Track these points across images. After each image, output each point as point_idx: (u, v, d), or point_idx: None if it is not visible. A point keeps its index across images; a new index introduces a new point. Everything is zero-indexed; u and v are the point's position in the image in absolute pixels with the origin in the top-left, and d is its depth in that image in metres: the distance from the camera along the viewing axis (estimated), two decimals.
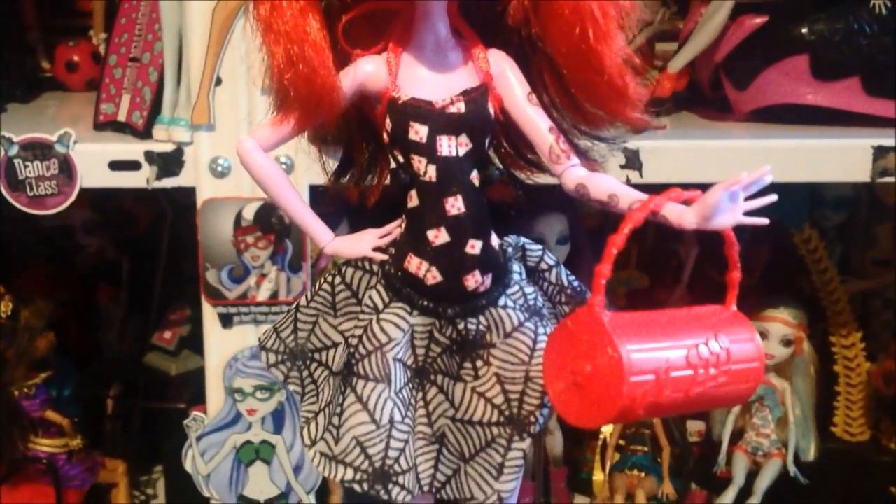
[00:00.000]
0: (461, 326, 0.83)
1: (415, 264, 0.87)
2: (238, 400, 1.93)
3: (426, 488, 0.80)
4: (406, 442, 0.81)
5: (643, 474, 2.42)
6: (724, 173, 1.04)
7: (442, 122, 0.88)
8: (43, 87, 2.40)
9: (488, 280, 0.89)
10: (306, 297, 0.97)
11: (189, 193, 1.96)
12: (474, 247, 0.88)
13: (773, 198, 0.89)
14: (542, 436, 2.45)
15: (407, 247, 0.88)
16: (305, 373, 0.91)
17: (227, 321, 1.91)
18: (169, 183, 1.86)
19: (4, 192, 1.81)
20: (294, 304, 0.98)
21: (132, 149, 1.84)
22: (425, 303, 0.85)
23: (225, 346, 1.92)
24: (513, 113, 0.91)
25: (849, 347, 2.49)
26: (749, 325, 0.90)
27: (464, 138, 0.89)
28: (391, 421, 0.80)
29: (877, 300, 2.63)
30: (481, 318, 0.85)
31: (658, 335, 0.76)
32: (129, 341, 2.63)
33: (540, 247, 1.00)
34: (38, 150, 1.80)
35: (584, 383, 0.71)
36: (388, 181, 0.99)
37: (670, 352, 0.74)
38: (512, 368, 0.82)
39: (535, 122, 0.91)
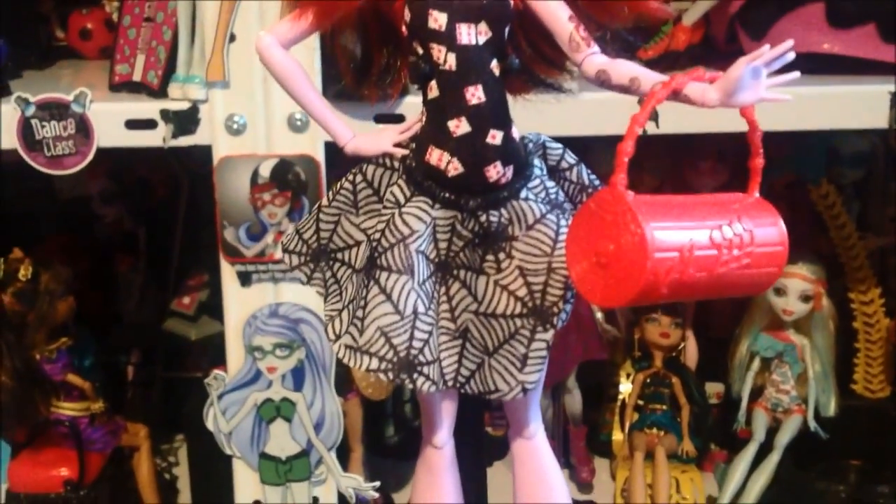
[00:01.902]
0: (483, 219, 0.83)
1: (436, 156, 0.86)
2: (258, 358, 1.94)
3: (450, 384, 0.79)
4: (430, 333, 0.81)
5: (662, 432, 2.42)
6: (738, 123, 1.04)
7: (461, 9, 0.87)
8: (57, 56, 2.41)
9: (510, 172, 0.88)
10: (328, 196, 0.96)
11: (204, 161, 1.97)
12: (495, 137, 0.87)
13: (795, 74, 0.87)
14: (560, 395, 2.45)
15: (428, 139, 0.88)
16: (328, 273, 0.90)
17: (245, 279, 1.92)
18: (185, 141, 1.86)
19: (22, 153, 1.81)
20: (316, 205, 0.97)
21: (148, 107, 1.85)
22: (447, 195, 0.84)
23: (244, 304, 1.92)
24: (532, 2, 0.91)
25: (868, 304, 2.48)
26: (773, 210, 0.89)
27: (483, 26, 0.88)
28: (415, 312, 0.80)
29: (895, 257, 2.61)
30: (503, 211, 0.84)
31: (682, 215, 0.75)
32: (148, 310, 2.65)
33: (560, 145, 0.98)
34: (54, 109, 1.80)
35: (607, 263, 0.71)
36: (406, 80, 0.98)
37: (694, 231, 0.73)
38: (534, 260, 0.82)
39: (555, 10, 0.91)
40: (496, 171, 0.86)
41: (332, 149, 1.80)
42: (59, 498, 2.10)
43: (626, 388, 2.56)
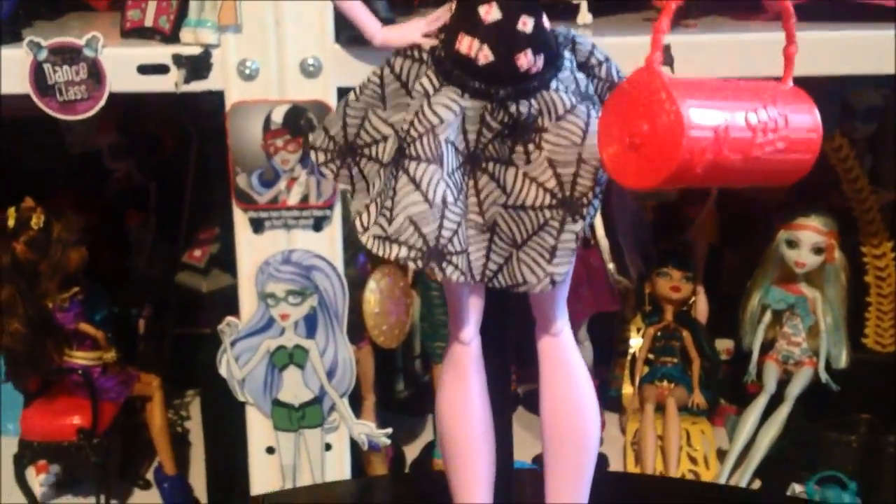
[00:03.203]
0: (512, 109, 0.82)
1: (466, 44, 0.85)
2: (270, 305, 1.94)
3: (478, 277, 0.79)
4: (459, 224, 0.80)
5: (673, 385, 2.43)
6: (755, 66, 1.03)
7: None
8: (68, 8, 2.40)
9: (540, 61, 0.86)
10: (355, 92, 0.95)
11: (214, 114, 1.96)
12: (526, 24, 0.86)
13: None
14: None
15: (457, 27, 0.87)
16: (355, 169, 0.89)
17: (258, 226, 1.91)
18: (197, 87, 1.85)
19: (34, 97, 1.81)
20: (342, 100, 0.96)
21: (160, 52, 1.84)
22: (476, 84, 0.83)
23: (256, 251, 1.92)
24: None
25: (880, 258, 2.47)
26: (807, 98, 0.87)
27: None
28: (444, 201, 0.80)
29: None
30: (533, 101, 0.83)
31: (717, 96, 0.74)
32: (160, 265, 2.65)
33: (590, 41, 0.96)
34: (66, 54, 1.80)
35: (641, 143, 0.70)
36: None
37: (729, 112, 0.71)
38: (564, 151, 0.81)
39: None
40: (527, 60, 0.85)
41: (345, 94, 1.80)
42: (72, 446, 2.11)
43: (636, 342, 2.56)
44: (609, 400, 2.69)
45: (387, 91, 0.89)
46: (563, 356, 0.79)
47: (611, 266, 2.28)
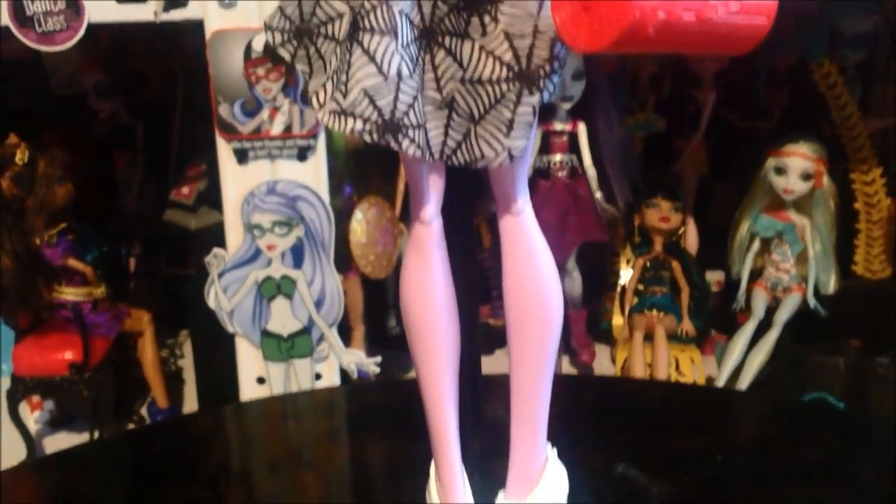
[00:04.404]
0: None
1: None
2: (257, 236, 1.94)
3: (437, 155, 0.78)
4: (414, 98, 0.79)
5: (662, 314, 2.43)
6: None
7: None
8: None
9: None
10: None
11: (198, 56, 1.94)
12: None
13: None
14: (561, 279, 2.45)
15: None
16: (312, 49, 0.86)
17: (242, 157, 1.91)
18: (176, 15, 1.83)
19: (14, 30, 1.79)
20: None
21: None
22: None
23: (241, 181, 1.92)
24: None
25: (869, 184, 2.47)
26: None
27: None
28: (399, 74, 0.78)
29: None
30: None
31: None
32: (148, 203, 2.65)
33: None
34: None
35: (592, 3, 0.69)
36: None
37: None
38: (520, 23, 0.79)
39: None
40: None
41: None
42: (64, 381, 2.12)
43: (626, 275, 2.56)
44: (600, 332, 2.70)
45: None
46: (524, 235, 0.78)
47: (598, 195, 2.28)
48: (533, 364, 0.80)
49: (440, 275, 0.79)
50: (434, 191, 0.81)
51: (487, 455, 0.83)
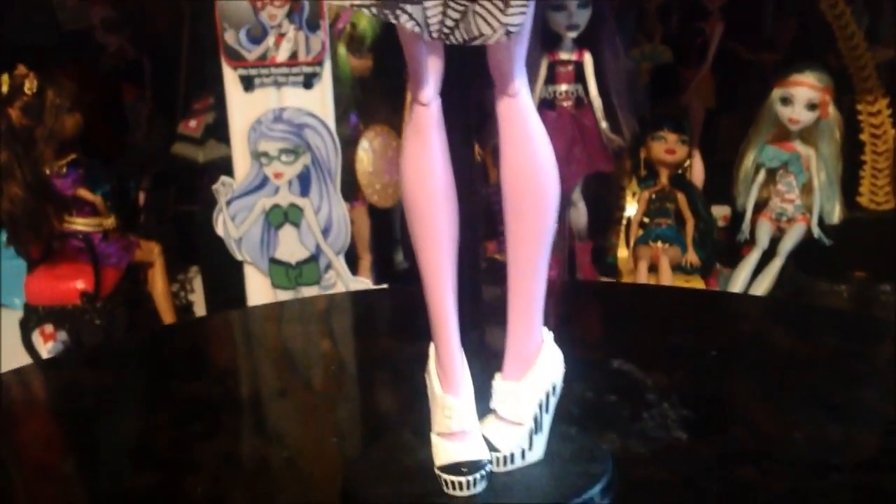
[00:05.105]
0: None
1: None
2: (264, 164, 1.96)
3: (435, 35, 0.79)
4: None
5: (667, 245, 2.44)
6: None
7: None
8: None
9: None
10: None
11: None
12: None
13: None
14: (566, 210, 2.46)
15: None
16: None
17: (248, 84, 1.92)
18: None
19: None
20: None
21: None
22: None
23: (247, 109, 1.94)
24: None
25: (875, 115, 2.47)
26: None
27: None
28: None
29: None
30: None
31: None
32: (157, 139, 2.66)
33: None
34: None
35: None
36: None
37: None
38: None
39: None
40: None
41: None
42: (76, 309, 2.15)
43: (632, 209, 2.57)
44: (606, 267, 2.72)
45: None
46: (521, 117, 0.80)
47: (604, 124, 2.28)
48: (529, 246, 0.81)
49: (439, 156, 0.80)
50: (433, 72, 0.82)
51: (485, 345, 0.85)
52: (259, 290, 2.04)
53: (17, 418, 0.93)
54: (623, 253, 2.60)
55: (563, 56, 2.30)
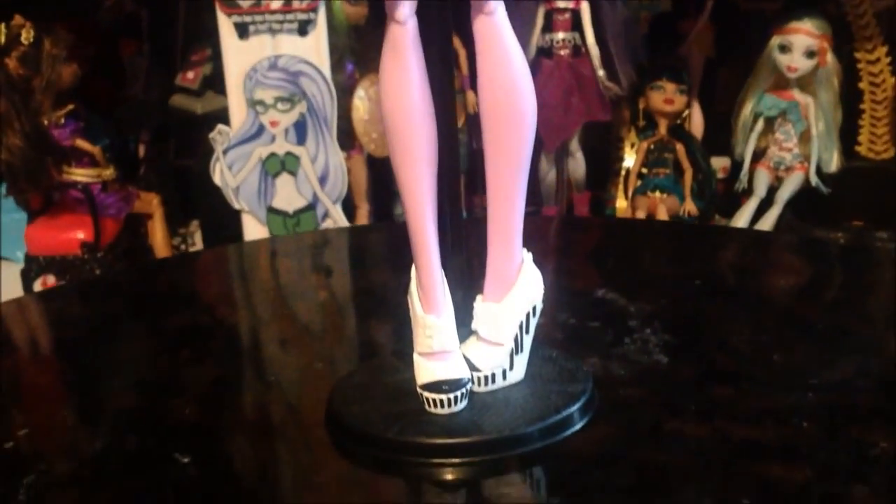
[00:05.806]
0: None
1: None
2: (260, 112, 1.96)
3: None
4: None
5: (665, 194, 2.45)
6: None
7: None
8: None
9: None
10: None
11: None
12: None
13: None
14: (563, 160, 2.47)
15: None
16: None
17: (243, 31, 1.92)
18: None
19: None
20: None
21: None
22: None
23: (242, 56, 1.94)
24: None
25: (874, 62, 2.46)
26: None
27: None
28: None
29: None
30: None
31: None
32: (155, 92, 2.67)
33: None
34: None
35: None
36: None
37: None
38: None
39: None
40: None
41: None
42: (76, 259, 2.17)
43: (630, 159, 2.57)
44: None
45: None
46: (497, 35, 0.80)
47: (601, 73, 2.28)
48: (508, 165, 0.82)
49: (416, 75, 0.80)
50: None
51: (466, 271, 0.86)
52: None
53: (9, 346, 0.95)
54: (621, 203, 2.60)
55: (560, 4, 2.30)
